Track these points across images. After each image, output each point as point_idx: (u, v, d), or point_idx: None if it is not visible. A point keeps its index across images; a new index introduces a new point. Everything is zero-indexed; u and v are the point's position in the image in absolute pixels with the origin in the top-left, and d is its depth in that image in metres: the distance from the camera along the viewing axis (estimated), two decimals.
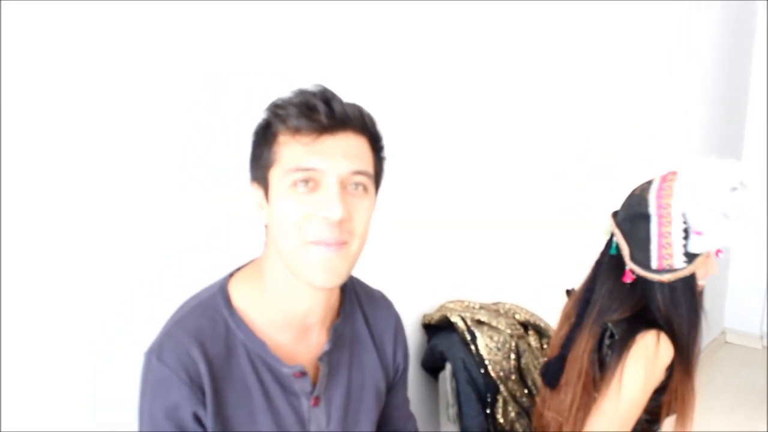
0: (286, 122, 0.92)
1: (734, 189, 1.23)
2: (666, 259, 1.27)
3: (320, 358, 1.04)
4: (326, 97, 0.93)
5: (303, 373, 1.02)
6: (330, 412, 1.06)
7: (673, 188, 1.27)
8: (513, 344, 1.64)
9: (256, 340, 0.99)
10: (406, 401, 1.25)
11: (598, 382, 1.30)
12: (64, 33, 0.95)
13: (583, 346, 1.32)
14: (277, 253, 0.96)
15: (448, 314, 1.61)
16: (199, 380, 0.95)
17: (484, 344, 1.58)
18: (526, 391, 1.64)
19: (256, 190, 0.97)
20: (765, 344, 3.77)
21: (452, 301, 1.69)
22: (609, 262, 1.34)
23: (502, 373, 1.59)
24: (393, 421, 1.22)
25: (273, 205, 0.94)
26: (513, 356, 1.62)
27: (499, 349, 1.60)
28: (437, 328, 1.64)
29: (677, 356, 1.29)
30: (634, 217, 1.30)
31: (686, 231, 1.27)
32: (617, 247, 1.33)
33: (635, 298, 1.30)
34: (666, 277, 1.27)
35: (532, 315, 1.73)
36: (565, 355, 1.36)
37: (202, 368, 0.95)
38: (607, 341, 1.31)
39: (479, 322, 1.61)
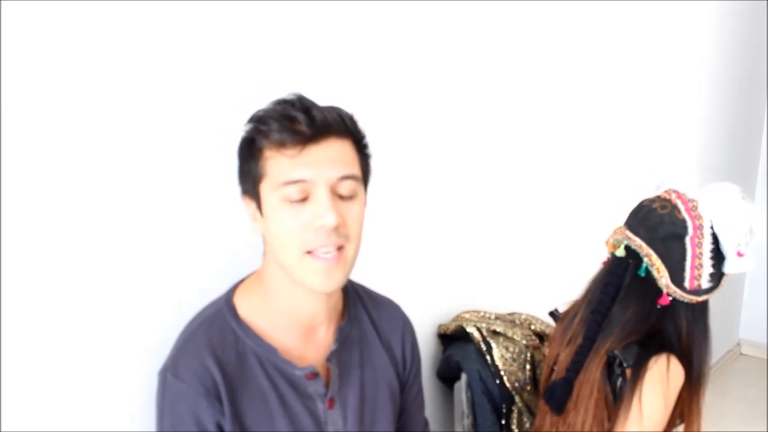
0: (269, 137, 0.94)
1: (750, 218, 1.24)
2: (697, 279, 1.26)
3: (329, 359, 1.05)
4: (305, 107, 0.95)
5: (315, 374, 1.03)
6: (346, 414, 1.07)
7: (699, 209, 1.26)
8: (528, 355, 1.63)
9: (266, 346, 1.01)
10: (422, 404, 1.26)
11: (611, 404, 1.28)
12: (64, 33, 0.95)
13: (596, 367, 1.30)
14: (277, 263, 0.98)
15: (464, 324, 1.61)
16: (216, 390, 0.97)
17: (500, 355, 1.58)
18: (540, 400, 1.64)
19: (249, 203, 0.99)
20: None
21: (468, 312, 1.69)
22: (635, 284, 1.31)
23: (517, 384, 1.59)
24: (409, 421, 1.23)
25: (268, 218, 0.96)
26: (528, 367, 1.62)
27: (514, 360, 1.60)
28: (453, 338, 1.64)
29: (687, 376, 1.28)
30: (667, 237, 1.27)
31: (714, 252, 1.26)
32: (647, 269, 1.28)
33: (659, 320, 1.29)
34: (702, 298, 1.27)
35: (548, 326, 1.73)
36: (571, 378, 1.32)
37: (218, 378, 0.97)
38: (617, 369, 1.29)
39: (495, 333, 1.61)
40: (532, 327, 1.71)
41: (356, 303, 1.13)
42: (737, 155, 3.44)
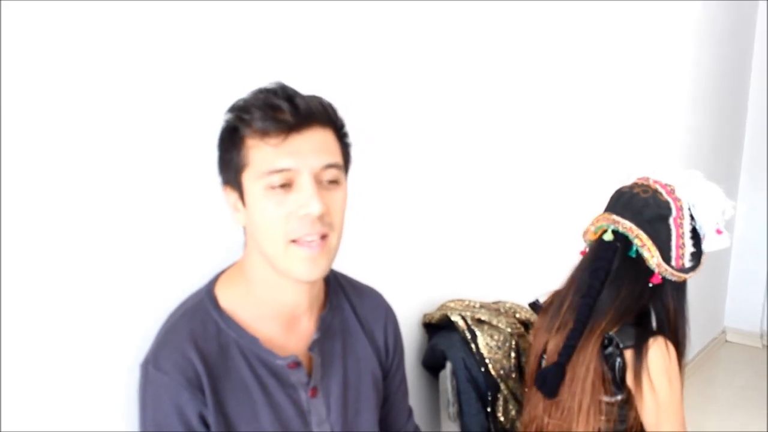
0: (252, 125, 0.93)
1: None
2: (681, 258, 1.31)
3: (311, 348, 1.05)
4: (288, 95, 0.94)
5: (297, 364, 1.03)
6: (329, 403, 1.07)
7: (676, 192, 1.32)
8: (513, 343, 1.64)
9: (248, 336, 1.01)
10: (405, 392, 1.27)
11: (608, 383, 1.32)
12: (64, 33, 0.95)
13: (592, 348, 1.32)
14: (260, 253, 0.98)
15: (449, 313, 1.61)
16: (198, 381, 0.96)
17: (485, 343, 1.58)
18: (526, 389, 1.65)
19: (230, 193, 0.99)
20: (765, 343, 3.77)
21: (453, 300, 1.69)
22: (625, 267, 1.34)
23: (502, 372, 1.60)
24: (393, 409, 1.23)
25: (251, 208, 0.95)
26: (513, 355, 1.62)
27: (499, 348, 1.61)
28: (438, 327, 1.64)
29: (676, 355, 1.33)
30: (653, 219, 1.31)
31: (694, 231, 1.32)
32: (637, 251, 1.32)
33: (648, 300, 1.34)
34: (688, 275, 1.32)
35: (533, 314, 1.74)
36: (563, 363, 1.35)
37: (200, 369, 0.96)
38: (615, 350, 1.32)
39: (479, 321, 1.61)
40: (517, 315, 1.72)
41: (338, 292, 1.13)
42: (721, 150, 3.47)
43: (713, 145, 3.34)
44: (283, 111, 0.93)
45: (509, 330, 1.64)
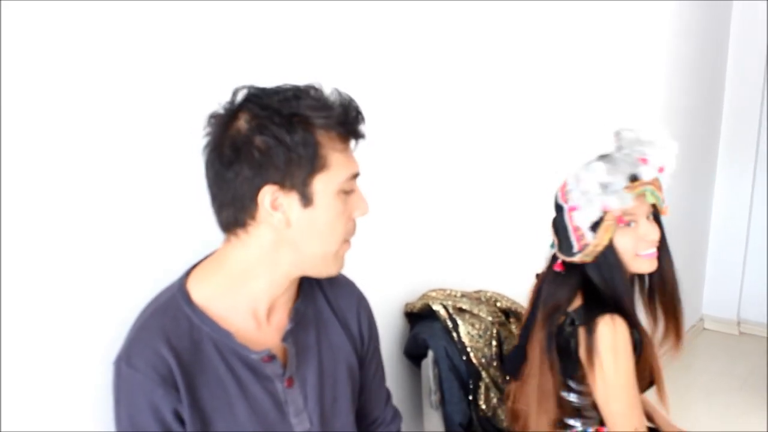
0: (333, 129, 0.97)
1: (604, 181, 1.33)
2: (581, 239, 1.36)
3: (284, 339, 1.06)
4: (355, 105, 1.00)
5: (271, 357, 1.03)
6: (306, 393, 1.08)
7: (567, 186, 1.41)
8: (494, 331, 1.65)
9: (222, 331, 1.00)
10: (382, 378, 1.28)
11: (555, 361, 1.38)
12: (64, 33, 0.95)
13: (538, 334, 1.40)
14: (293, 252, 1.00)
15: (430, 302, 1.62)
16: (172, 378, 0.96)
17: (466, 331, 1.59)
18: (507, 377, 1.66)
19: (277, 193, 0.95)
20: (741, 330, 3.84)
21: (434, 290, 1.70)
22: (551, 256, 1.47)
23: (484, 360, 1.61)
24: (371, 396, 1.24)
25: (319, 209, 0.97)
26: (495, 343, 1.64)
27: (480, 336, 1.62)
28: (419, 316, 1.65)
29: (634, 330, 1.37)
30: (555, 210, 1.43)
31: (581, 215, 1.38)
32: (552, 244, 1.45)
33: (574, 286, 1.40)
34: (586, 254, 1.36)
35: (514, 302, 1.75)
36: (522, 345, 1.43)
37: (173, 365, 0.96)
38: (568, 329, 1.38)
39: (461, 310, 1.62)
40: (498, 304, 1.73)
41: (311, 282, 1.13)
42: (697, 142, 3.51)
43: (690, 136, 3.38)
44: (358, 122, 0.99)
45: (490, 319, 1.66)
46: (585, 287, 1.39)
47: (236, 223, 0.98)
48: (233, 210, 0.97)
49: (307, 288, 1.12)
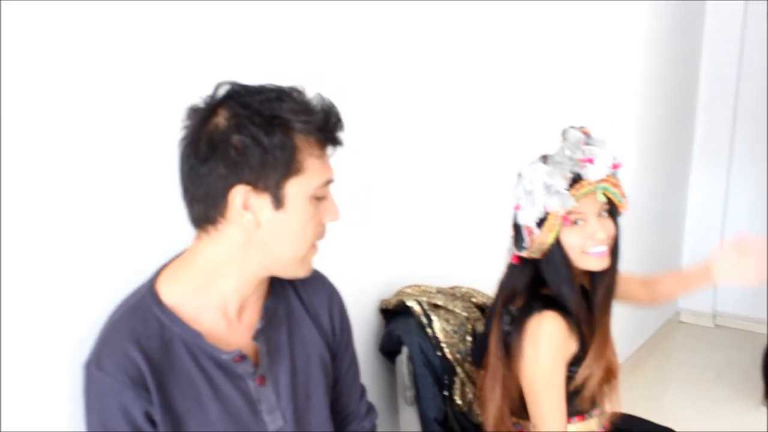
0: (311, 134, 0.97)
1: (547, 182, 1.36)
2: (531, 235, 1.39)
3: (255, 337, 1.06)
4: (336, 112, 1.00)
5: (242, 357, 1.03)
6: (279, 391, 1.08)
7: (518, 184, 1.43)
8: (469, 327, 1.66)
9: (192, 332, 1.00)
10: (356, 372, 1.28)
11: (505, 361, 1.42)
12: (64, 33, 0.95)
13: (494, 328, 1.44)
14: (264, 254, 1.00)
15: (405, 299, 1.63)
16: (142, 380, 0.95)
17: (441, 327, 1.60)
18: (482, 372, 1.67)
19: (250, 194, 0.96)
20: (717, 323, 3.90)
21: (409, 286, 1.70)
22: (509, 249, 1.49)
23: (458, 356, 1.62)
24: (345, 390, 1.25)
25: (290, 212, 0.98)
26: (469, 338, 1.65)
27: (455, 332, 1.63)
28: (394, 313, 1.66)
29: (576, 326, 1.38)
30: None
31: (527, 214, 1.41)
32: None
33: (525, 280, 1.43)
34: (534, 250, 1.39)
35: (489, 298, 1.76)
36: (485, 334, 1.47)
37: (143, 367, 0.95)
38: (506, 326, 1.42)
39: (435, 306, 1.63)
40: (473, 300, 1.74)
41: (282, 280, 1.13)
42: (672, 138, 3.55)
43: (665, 134, 3.42)
44: (337, 128, 1.00)
45: (465, 314, 1.67)
46: (535, 282, 1.42)
47: (206, 219, 0.98)
48: (204, 206, 0.97)
49: (278, 285, 1.12)
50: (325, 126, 0.97)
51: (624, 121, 2.97)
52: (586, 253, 1.38)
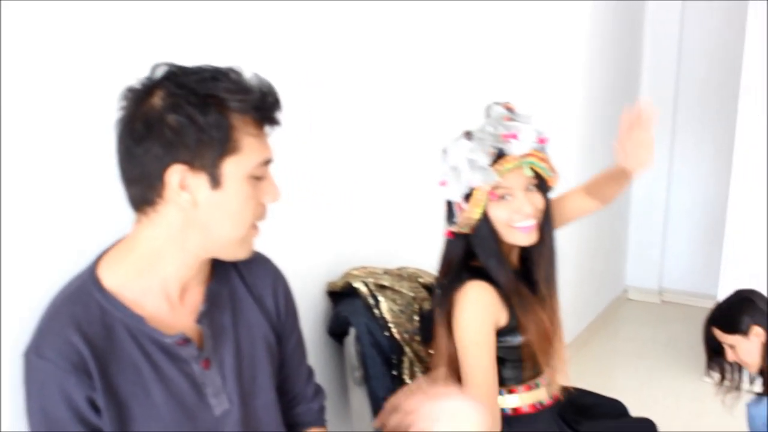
0: (248, 113, 0.96)
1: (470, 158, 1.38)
2: (460, 210, 1.42)
3: (199, 321, 1.06)
4: (273, 92, 1.00)
5: (186, 340, 1.03)
6: (224, 373, 1.08)
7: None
8: (416, 307, 1.69)
9: (134, 316, 1.00)
10: (303, 353, 1.29)
11: (448, 331, 1.44)
12: (64, 33, 0.94)
13: (436, 302, 1.48)
14: (202, 234, 0.99)
15: (352, 281, 1.64)
16: (84, 365, 0.95)
17: (388, 308, 1.62)
18: (431, 351, 1.70)
19: (186, 174, 0.95)
20: (663, 299, 4.03)
21: (356, 268, 1.72)
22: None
23: (406, 335, 1.64)
24: (292, 372, 1.26)
25: (227, 192, 0.97)
26: (416, 318, 1.67)
27: (402, 312, 1.65)
28: (342, 294, 1.67)
29: (505, 298, 1.42)
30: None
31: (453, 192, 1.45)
32: None
33: (459, 254, 1.46)
34: (462, 224, 1.42)
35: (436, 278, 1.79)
36: (432, 309, 1.50)
37: (85, 352, 0.95)
38: (438, 297, 1.47)
39: (382, 287, 1.65)
40: (420, 280, 1.76)
41: (225, 262, 1.13)
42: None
43: (610, 118, 3.50)
44: (275, 108, 0.99)
45: (412, 294, 1.69)
46: (467, 255, 1.45)
47: (144, 201, 0.98)
48: (141, 187, 0.97)
49: (221, 268, 1.12)
50: (261, 105, 0.97)
51: (567, 114, 3.03)
52: (513, 227, 1.40)
